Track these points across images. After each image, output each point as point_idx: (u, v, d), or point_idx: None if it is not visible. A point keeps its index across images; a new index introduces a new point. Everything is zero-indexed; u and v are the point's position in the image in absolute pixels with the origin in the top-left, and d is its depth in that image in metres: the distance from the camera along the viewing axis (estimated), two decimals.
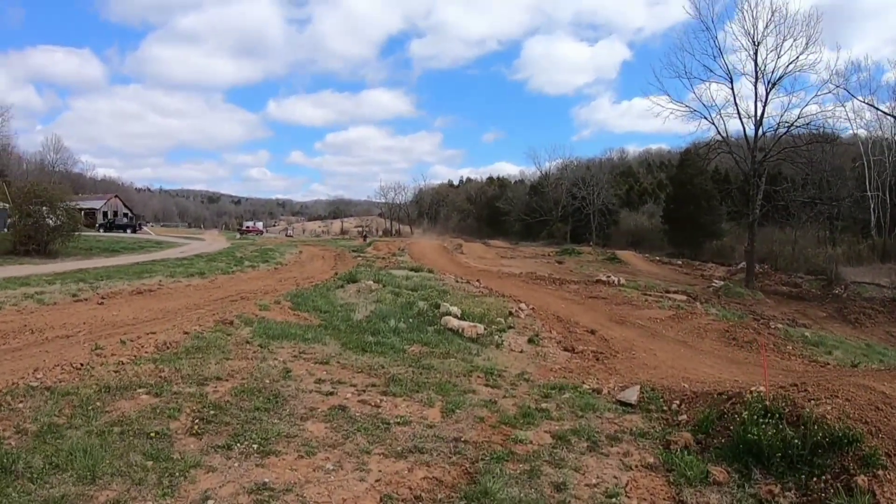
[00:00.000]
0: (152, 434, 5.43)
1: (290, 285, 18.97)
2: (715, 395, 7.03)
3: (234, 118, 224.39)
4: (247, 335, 10.22)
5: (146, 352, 8.48)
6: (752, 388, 6.59)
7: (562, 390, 8.03)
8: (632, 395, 7.68)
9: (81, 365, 7.48)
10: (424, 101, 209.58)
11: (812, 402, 6.20)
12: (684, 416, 6.79)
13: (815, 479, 5.30)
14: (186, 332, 9.87)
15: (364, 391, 7.42)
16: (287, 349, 9.52)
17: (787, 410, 5.97)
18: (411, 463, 5.26)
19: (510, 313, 15.50)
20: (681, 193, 55.27)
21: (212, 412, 6.15)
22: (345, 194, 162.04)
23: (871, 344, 17.62)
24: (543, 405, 7.18)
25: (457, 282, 22.60)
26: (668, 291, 25.61)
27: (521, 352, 11.12)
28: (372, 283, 18.62)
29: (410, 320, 12.78)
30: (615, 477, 5.26)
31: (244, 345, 9.51)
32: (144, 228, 68.22)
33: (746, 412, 5.90)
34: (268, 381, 7.49)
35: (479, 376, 8.54)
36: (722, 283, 31.98)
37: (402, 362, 9.15)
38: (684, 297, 23.74)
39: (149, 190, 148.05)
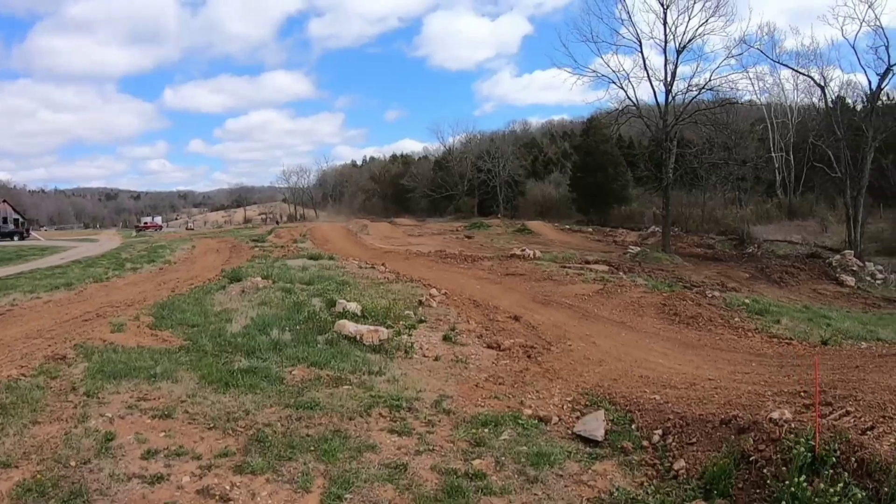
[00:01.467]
0: None
1: (169, 289, 15.97)
2: (717, 424, 4.93)
3: (130, 109, 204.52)
4: (78, 376, 7.44)
5: None
6: (777, 418, 4.53)
7: (498, 426, 5.71)
8: (596, 427, 5.49)
9: None
10: (325, 81, 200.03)
11: (868, 434, 4.19)
12: (682, 464, 4.63)
13: None
14: None
15: (210, 468, 4.89)
16: (123, 395, 6.82)
17: (843, 455, 3.93)
18: None
19: (420, 302, 13.24)
20: (587, 161, 54.46)
21: None
22: (248, 181, 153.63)
23: (809, 305, 16.55)
24: (476, 463, 4.84)
25: (360, 268, 20.13)
26: (587, 262, 24.05)
27: (437, 359, 8.73)
28: (259, 279, 15.77)
29: (298, 327, 10.14)
30: None
31: (67, 394, 6.81)
32: (34, 234, 61.03)
33: (795, 474, 3.78)
34: (73, 465, 4.99)
35: (381, 414, 6.07)
36: (638, 248, 30.94)
37: (276, 400, 6.58)
38: (606, 268, 22.21)
39: (43, 191, 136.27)
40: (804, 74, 30.40)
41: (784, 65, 31.02)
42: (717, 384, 6.80)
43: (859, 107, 34.26)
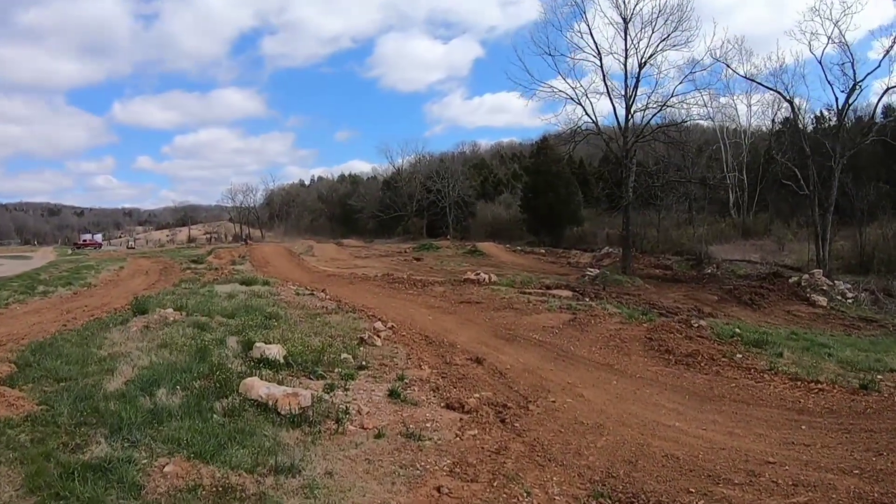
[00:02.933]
0: None
1: (70, 320, 13.51)
2: None
3: (78, 122, 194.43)
4: None
5: None
6: None
7: None
8: None
9: None
10: (277, 100, 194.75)
11: None
12: None
13: None
14: None
15: None
16: None
17: None
18: None
19: (362, 340, 10.92)
20: (539, 182, 53.23)
21: None
22: (194, 200, 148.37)
23: (796, 331, 14.72)
24: None
25: (297, 294, 17.66)
26: (548, 287, 22.04)
27: (379, 435, 6.23)
28: (171, 311, 12.94)
29: (195, 384, 7.54)
30: None
31: None
32: None
33: None
34: None
35: None
36: (597, 271, 29.31)
37: None
38: (570, 293, 20.27)
39: None
40: (772, 90, 29.81)
41: (750, 79, 30.50)
42: (790, 474, 4.64)
43: (809, 128, 34.20)
